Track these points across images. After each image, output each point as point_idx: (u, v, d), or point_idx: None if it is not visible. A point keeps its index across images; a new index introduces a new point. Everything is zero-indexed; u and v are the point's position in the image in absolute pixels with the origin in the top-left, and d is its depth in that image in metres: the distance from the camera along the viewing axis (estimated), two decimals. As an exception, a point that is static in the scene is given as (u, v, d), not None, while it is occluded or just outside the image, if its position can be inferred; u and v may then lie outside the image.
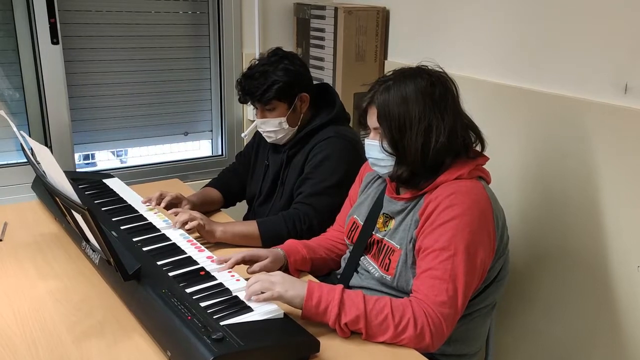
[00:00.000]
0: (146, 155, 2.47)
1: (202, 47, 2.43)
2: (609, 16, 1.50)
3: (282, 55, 1.73)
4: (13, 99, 2.12)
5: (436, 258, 1.20)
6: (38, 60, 2.06)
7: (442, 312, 1.17)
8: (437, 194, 1.26)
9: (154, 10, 2.28)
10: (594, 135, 1.56)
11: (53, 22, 2.02)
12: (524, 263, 1.80)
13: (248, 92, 1.71)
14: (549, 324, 1.76)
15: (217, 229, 1.56)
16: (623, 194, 1.51)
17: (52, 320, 1.20)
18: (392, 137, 1.28)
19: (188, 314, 1.10)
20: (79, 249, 1.50)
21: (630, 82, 1.47)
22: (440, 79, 1.30)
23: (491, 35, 1.85)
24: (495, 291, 1.36)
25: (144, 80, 2.34)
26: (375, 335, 1.16)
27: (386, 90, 1.29)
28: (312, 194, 1.66)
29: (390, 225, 1.37)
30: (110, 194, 1.81)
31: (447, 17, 2.02)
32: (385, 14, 2.28)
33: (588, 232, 1.61)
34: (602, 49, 1.53)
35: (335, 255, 1.56)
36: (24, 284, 1.34)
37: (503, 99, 1.81)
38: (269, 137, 1.78)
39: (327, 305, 1.15)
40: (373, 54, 2.29)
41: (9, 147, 2.14)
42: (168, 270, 1.30)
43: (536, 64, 1.72)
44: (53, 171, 1.26)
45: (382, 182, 1.47)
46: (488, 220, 1.24)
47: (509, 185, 1.81)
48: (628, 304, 1.54)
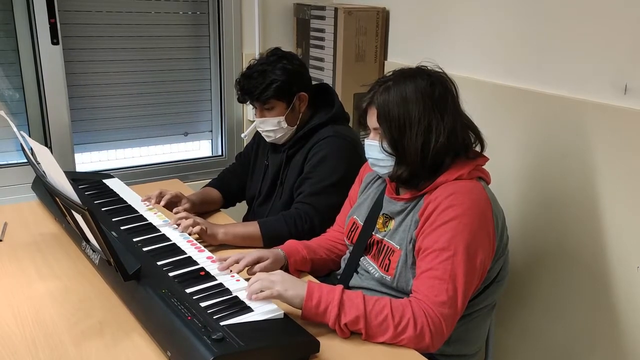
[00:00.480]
0: (146, 155, 2.47)
1: (202, 48, 2.43)
2: (609, 17, 1.50)
3: (281, 54, 1.74)
4: (13, 99, 2.12)
5: (436, 258, 1.20)
6: (38, 61, 2.06)
7: (442, 312, 1.17)
8: (436, 194, 1.26)
9: (154, 10, 2.28)
10: (594, 135, 1.56)
11: (53, 23, 2.02)
12: (523, 263, 1.80)
13: (247, 91, 1.72)
14: (548, 324, 1.76)
15: (219, 231, 1.56)
16: (623, 194, 1.51)
17: (52, 321, 1.20)
18: (392, 137, 1.28)
19: (188, 314, 1.10)
20: (79, 249, 1.50)
21: (630, 83, 1.47)
22: (439, 79, 1.31)
23: (491, 36, 1.86)
24: (495, 291, 1.36)
25: (144, 81, 2.34)
26: (375, 335, 1.16)
27: (386, 91, 1.29)
28: (312, 193, 1.67)
29: (390, 225, 1.37)
30: (110, 194, 1.81)
31: (446, 17, 2.02)
32: (385, 15, 2.28)
33: (588, 232, 1.61)
34: (601, 49, 1.53)
35: (335, 255, 1.56)
36: (24, 284, 1.34)
37: (503, 100, 1.82)
38: (268, 136, 1.78)
39: (327, 306, 1.15)
40: (373, 55, 2.29)
41: (9, 148, 2.15)
42: (168, 271, 1.30)
43: (536, 64, 1.72)
44: (53, 171, 1.26)
45: (382, 183, 1.47)
46: (488, 220, 1.24)
47: (509, 186, 1.81)
48: (627, 304, 1.54)
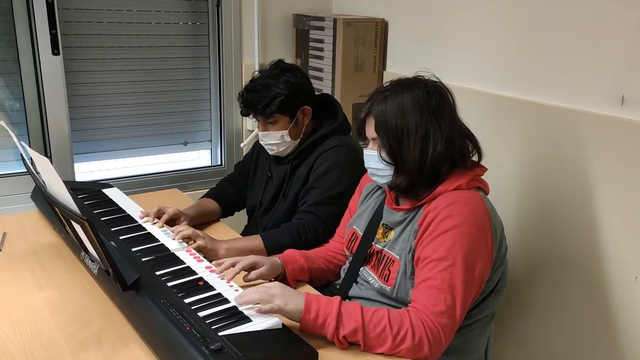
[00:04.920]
0: (146, 164, 2.47)
1: (202, 58, 2.45)
2: (606, 28, 1.51)
3: (284, 67, 1.73)
4: (13, 109, 2.13)
5: (434, 268, 1.20)
6: (39, 71, 2.07)
7: (441, 322, 1.17)
8: (435, 204, 1.26)
9: (154, 21, 2.29)
10: (591, 146, 1.57)
11: (54, 33, 2.03)
12: (522, 273, 1.80)
13: (250, 105, 1.71)
14: (547, 334, 1.76)
15: (221, 247, 1.54)
16: (620, 204, 1.52)
17: (51, 331, 1.20)
18: (390, 147, 1.29)
19: (186, 324, 1.09)
20: (78, 259, 1.50)
21: (627, 94, 1.48)
22: (436, 89, 1.31)
23: (488, 47, 1.87)
24: (494, 302, 1.36)
25: (144, 91, 2.35)
26: (373, 346, 1.15)
27: (383, 101, 1.30)
28: (317, 203, 1.67)
29: (390, 236, 1.37)
30: (109, 204, 1.81)
31: (444, 28, 2.03)
32: (384, 26, 2.29)
33: (586, 242, 1.61)
34: (599, 60, 1.54)
35: (334, 265, 1.56)
36: (23, 294, 1.34)
37: (500, 110, 1.82)
38: (271, 149, 1.78)
39: (325, 319, 1.15)
40: (372, 65, 2.30)
41: (9, 157, 2.15)
42: (167, 281, 1.30)
43: (533, 74, 1.73)
44: (53, 181, 1.26)
45: (382, 193, 1.47)
46: (486, 230, 1.25)
47: (507, 196, 1.81)
48: (626, 314, 1.54)
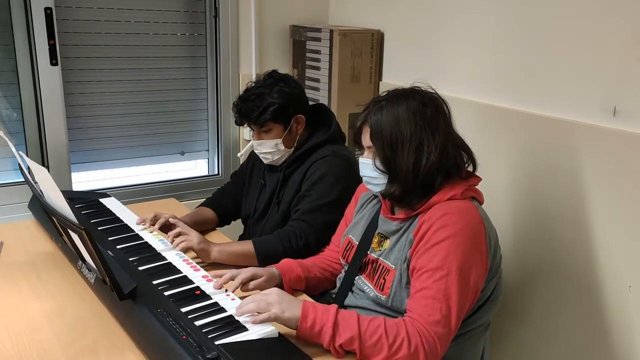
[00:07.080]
0: (143, 174, 2.48)
1: (199, 68, 2.46)
2: (598, 39, 1.53)
3: (278, 77, 1.76)
4: (11, 119, 2.13)
5: (430, 278, 1.21)
6: (37, 81, 2.07)
7: (436, 331, 1.17)
8: (430, 214, 1.27)
9: (152, 32, 2.31)
10: (584, 156, 1.58)
11: (52, 44, 2.04)
12: (517, 282, 1.81)
13: (244, 114, 1.73)
14: (543, 342, 1.76)
15: (213, 249, 1.56)
16: (613, 214, 1.53)
17: (48, 340, 1.20)
18: (384, 156, 1.30)
19: (183, 333, 1.10)
20: (75, 269, 1.51)
21: (619, 105, 1.50)
22: (432, 100, 1.33)
23: (482, 58, 1.89)
24: (489, 311, 1.37)
25: (141, 100, 2.36)
26: (369, 355, 1.16)
27: (379, 110, 1.32)
28: (309, 210, 1.68)
29: (385, 245, 1.38)
30: (106, 214, 1.82)
31: (440, 40, 2.05)
32: (380, 37, 2.32)
33: (580, 252, 1.62)
34: (591, 72, 1.56)
35: (330, 274, 1.56)
36: (20, 304, 1.34)
37: (494, 121, 1.84)
38: (266, 158, 1.80)
39: (322, 327, 1.16)
40: (368, 75, 2.32)
41: (6, 167, 2.15)
42: (163, 290, 1.31)
43: (527, 86, 1.75)
44: (51, 191, 1.27)
45: (378, 203, 1.48)
46: (481, 240, 1.26)
47: (501, 205, 1.82)
48: (620, 322, 1.55)
